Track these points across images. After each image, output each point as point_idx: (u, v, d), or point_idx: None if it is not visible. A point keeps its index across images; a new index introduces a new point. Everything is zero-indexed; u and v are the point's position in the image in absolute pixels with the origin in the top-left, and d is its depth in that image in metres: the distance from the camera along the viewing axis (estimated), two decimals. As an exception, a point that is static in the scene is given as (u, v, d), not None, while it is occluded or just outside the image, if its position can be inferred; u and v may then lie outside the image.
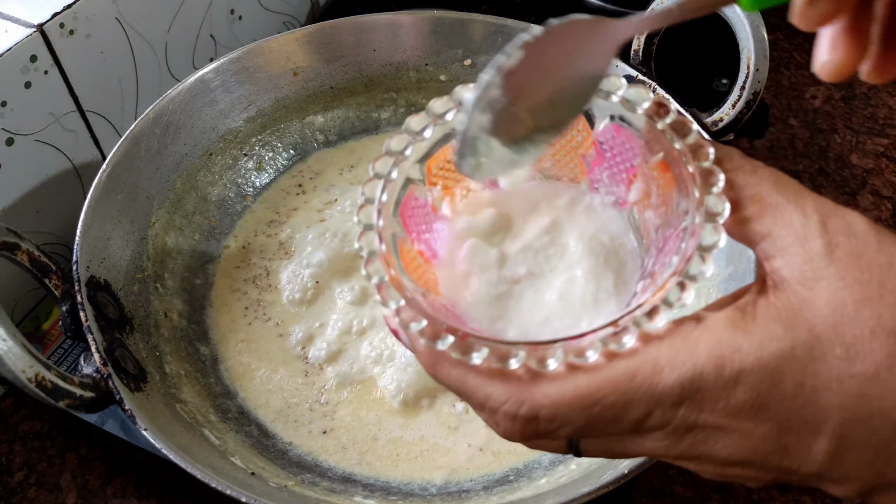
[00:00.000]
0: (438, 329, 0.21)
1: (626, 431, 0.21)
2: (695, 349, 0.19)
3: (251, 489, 0.33)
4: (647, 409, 0.20)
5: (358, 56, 0.53)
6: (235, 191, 0.51)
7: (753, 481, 0.21)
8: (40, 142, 0.45)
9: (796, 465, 0.20)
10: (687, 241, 0.21)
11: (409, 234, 0.25)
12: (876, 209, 0.57)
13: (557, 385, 0.20)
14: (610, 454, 0.23)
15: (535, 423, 0.21)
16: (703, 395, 0.19)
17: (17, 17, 0.43)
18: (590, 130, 0.26)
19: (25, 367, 0.32)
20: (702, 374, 0.19)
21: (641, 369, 0.20)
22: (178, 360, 0.42)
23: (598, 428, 0.20)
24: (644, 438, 0.21)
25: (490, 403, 0.21)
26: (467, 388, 0.22)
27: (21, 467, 0.43)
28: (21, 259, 0.36)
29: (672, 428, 0.20)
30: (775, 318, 0.19)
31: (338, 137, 0.55)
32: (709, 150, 0.22)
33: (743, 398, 0.19)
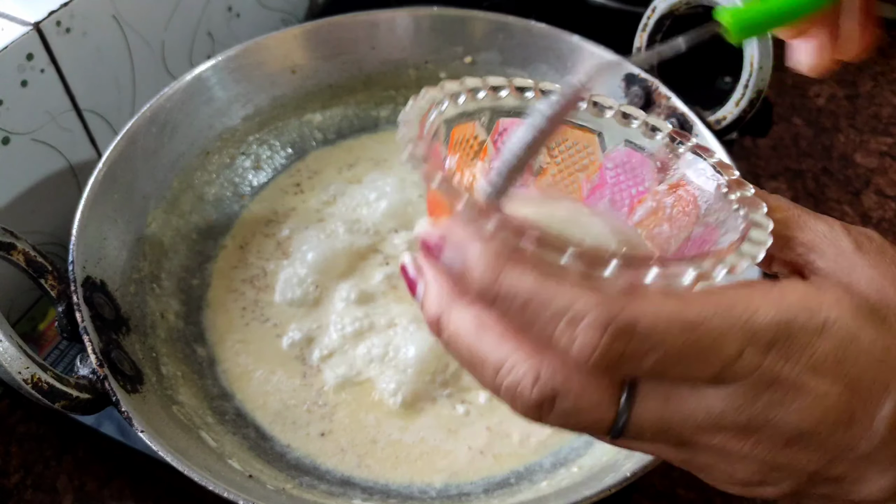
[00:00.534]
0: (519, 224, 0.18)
1: (708, 376, 0.19)
2: (784, 296, 0.19)
3: (249, 492, 0.33)
4: (740, 344, 0.18)
5: (357, 54, 0.53)
6: (233, 190, 0.51)
7: (790, 479, 0.20)
8: (36, 141, 0.44)
9: (856, 440, 0.19)
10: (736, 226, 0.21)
11: None
12: (880, 208, 0.57)
13: (658, 299, 0.18)
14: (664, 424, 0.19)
15: (628, 337, 0.18)
16: (792, 341, 0.18)
17: (13, 15, 0.42)
18: (599, 155, 0.25)
19: (21, 369, 0.32)
20: (795, 317, 0.19)
21: (738, 302, 0.18)
22: (175, 362, 0.41)
23: (686, 360, 0.18)
24: (719, 391, 0.19)
25: (575, 309, 0.18)
26: (545, 293, 0.18)
27: (17, 469, 0.42)
28: (17, 259, 0.35)
29: (756, 378, 0.19)
30: (836, 286, 0.20)
31: (336, 136, 0.54)
32: (733, 166, 0.24)
33: (826, 349, 0.19)
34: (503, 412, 0.40)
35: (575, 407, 0.19)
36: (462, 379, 0.41)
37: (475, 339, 0.20)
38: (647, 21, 0.47)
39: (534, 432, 0.39)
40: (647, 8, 0.46)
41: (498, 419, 0.40)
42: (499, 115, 0.25)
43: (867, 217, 0.56)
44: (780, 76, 0.66)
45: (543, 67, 0.52)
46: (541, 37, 0.51)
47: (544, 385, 0.19)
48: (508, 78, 0.25)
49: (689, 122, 0.45)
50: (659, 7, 0.46)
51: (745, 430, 0.19)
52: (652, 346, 0.18)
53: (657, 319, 0.18)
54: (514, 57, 0.53)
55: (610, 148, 0.25)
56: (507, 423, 0.40)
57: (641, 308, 0.18)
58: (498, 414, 0.40)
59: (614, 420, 0.20)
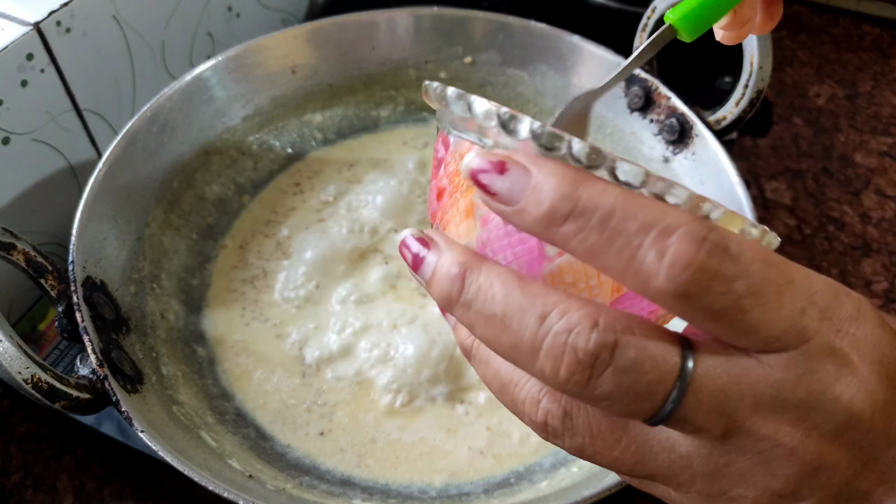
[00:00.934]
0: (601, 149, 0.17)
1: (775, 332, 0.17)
2: (821, 275, 0.18)
3: (249, 492, 0.33)
4: (804, 301, 0.17)
5: (357, 54, 0.53)
6: (233, 190, 0.51)
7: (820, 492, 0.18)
8: (37, 141, 0.44)
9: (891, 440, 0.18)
10: None
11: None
12: (880, 208, 0.57)
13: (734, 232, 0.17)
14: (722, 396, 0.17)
15: (721, 254, 0.16)
16: (839, 312, 0.18)
17: (14, 15, 0.42)
18: None
19: (21, 369, 0.31)
20: (838, 291, 0.18)
21: (793, 263, 0.18)
22: (175, 362, 0.41)
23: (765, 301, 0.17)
24: (780, 358, 0.17)
25: (667, 221, 0.16)
26: (632, 204, 0.16)
27: (17, 469, 0.42)
28: (17, 259, 0.35)
29: (815, 343, 0.17)
30: None
31: (336, 136, 0.54)
32: None
33: (865, 331, 0.18)
34: (503, 412, 0.40)
35: (637, 360, 0.17)
36: (462, 378, 0.41)
37: (516, 287, 0.17)
38: (647, 21, 0.47)
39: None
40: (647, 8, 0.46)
41: (498, 419, 0.40)
42: None
43: (867, 217, 0.56)
44: (780, 76, 0.66)
45: (543, 67, 0.52)
46: (541, 37, 0.51)
47: (606, 328, 0.17)
48: None
49: (689, 122, 0.45)
50: (659, 7, 0.46)
51: (802, 409, 0.17)
52: (740, 271, 0.16)
53: (744, 244, 0.17)
54: (514, 57, 0.53)
55: None
56: (507, 422, 0.40)
57: (729, 231, 0.17)
58: (498, 414, 0.40)
59: (674, 384, 0.17)
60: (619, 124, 0.50)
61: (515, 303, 0.17)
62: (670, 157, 0.47)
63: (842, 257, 0.54)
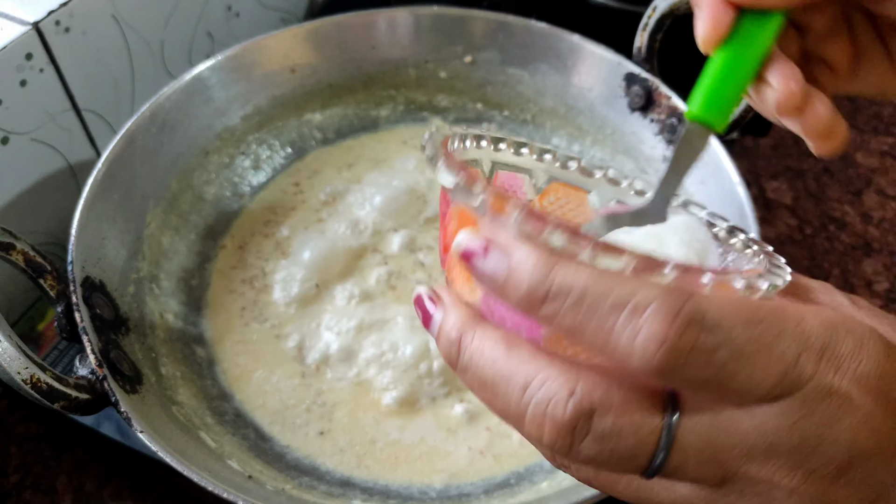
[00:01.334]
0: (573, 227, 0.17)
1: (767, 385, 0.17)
2: (821, 310, 0.18)
3: (248, 493, 0.33)
4: (797, 349, 0.17)
5: (356, 53, 0.53)
6: (232, 190, 0.51)
7: None
8: (36, 140, 0.44)
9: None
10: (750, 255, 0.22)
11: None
12: (881, 208, 0.57)
13: (717, 296, 0.17)
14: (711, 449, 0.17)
15: (697, 327, 0.16)
16: (839, 349, 0.17)
17: (13, 14, 0.42)
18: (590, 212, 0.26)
19: (20, 369, 0.31)
20: (837, 328, 0.18)
21: (787, 308, 0.18)
22: (174, 362, 0.41)
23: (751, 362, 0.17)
24: (773, 407, 0.17)
25: (638, 298, 0.16)
26: (603, 284, 0.17)
27: (16, 469, 0.42)
28: (16, 259, 0.35)
29: (811, 388, 0.17)
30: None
31: (336, 136, 0.54)
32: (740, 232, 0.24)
33: (868, 364, 0.18)
34: (503, 412, 0.40)
35: (614, 427, 0.17)
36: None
37: (502, 354, 0.18)
38: (647, 21, 0.47)
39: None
40: (648, 8, 0.46)
41: (498, 419, 0.40)
42: (498, 166, 0.26)
43: (868, 217, 0.56)
44: (780, 76, 0.66)
45: (543, 67, 0.52)
46: (541, 36, 0.51)
47: (581, 398, 0.17)
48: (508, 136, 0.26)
49: (689, 122, 0.45)
50: (659, 7, 0.46)
51: (798, 454, 0.17)
52: (721, 340, 0.16)
53: (724, 309, 0.17)
54: (514, 56, 0.52)
55: (602, 205, 0.26)
56: (507, 423, 0.40)
57: (707, 298, 0.17)
58: (498, 414, 0.40)
59: (657, 445, 0.17)
60: (620, 124, 0.49)
61: (501, 371, 0.18)
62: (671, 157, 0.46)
63: (843, 257, 0.53)
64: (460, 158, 0.24)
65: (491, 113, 0.55)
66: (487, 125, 0.55)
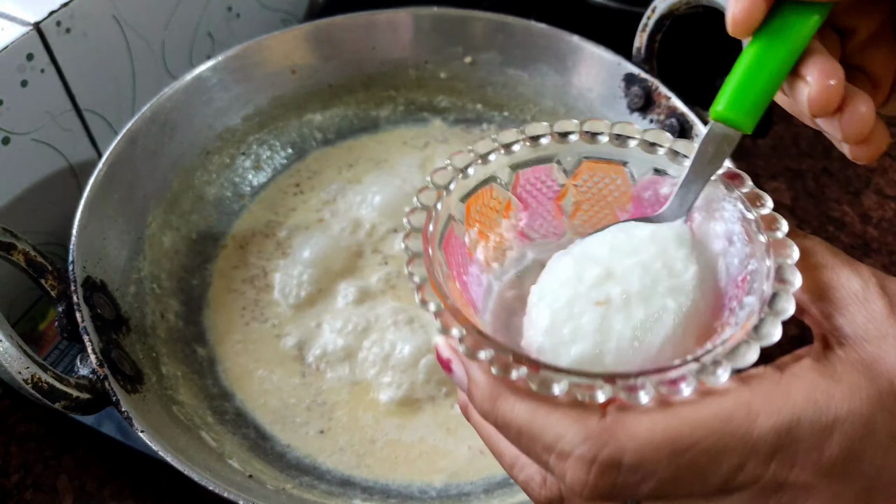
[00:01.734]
0: (507, 358, 0.19)
1: (710, 491, 0.18)
2: (789, 394, 0.18)
3: (249, 492, 0.33)
4: (740, 459, 0.18)
5: (357, 53, 0.53)
6: (233, 190, 0.51)
7: None
8: (37, 141, 0.44)
9: None
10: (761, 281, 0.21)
11: (451, 270, 0.24)
12: (880, 208, 0.57)
13: (645, 425, 0.18)
14: None
15: (615, 471, 0.18)
16: (797, 446, 0.18)
17: (14, 15, 0.42)
18: (629, 185, 0.25)
19: (22, 369, 0.32)
20: (799, 421, 0.18)
21: (736, 413, 0.18)
22: (175, 362, 0.41)
23: (683, 483, 0.18)
24: (724, 500, 0.18)
25: (561, 445, 0.19)
26: (534, 427, 0.19)
27: (17, 469, 0.42)
28: (17, 259, 0.35)
29: (760, 486, 0.18)
30: (854, 369, 0.19)
31: (336, 136, 0.54)
32: (766, 198, 0.22)
33: (837, 450, 0.18)
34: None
35: None
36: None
37: (492, 436, 0.22)
38: (647, 21, 0.47)
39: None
40: (647, 8, 0.46)
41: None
42: (517, 168, 0.25)
43: (867, 217, 0.56)
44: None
45: (543, 67, 0.52)
46: (541, 37, 0.51)
47: (550, 489, 0.20)
48: (521, 129, 0.25)
49: (689, 122, 0.45)
50: (659, 7, 0.46)
51: None
52: (644, 475, 0.18)
53: (646, 448, 0.18)
54: (514, 57, 0.53)
55: (639, 177, 0.25)
56: (507, 422, 0.40)
57: (628, 434, 0.18)
58: (498, 414, 0.40)
59: None
60: (619, 124, 0.50)
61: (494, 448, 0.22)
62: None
63: (842, 257, 0.54)
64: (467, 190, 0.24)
65: (491, 113, 0.55)
66: (487, 125, 0.55)
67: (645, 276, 0.22)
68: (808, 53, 0.22)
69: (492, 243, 0.26)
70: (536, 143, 0.25)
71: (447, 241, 0.24)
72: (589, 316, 0.21)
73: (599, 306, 0.22)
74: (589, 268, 0.22)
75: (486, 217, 0.25)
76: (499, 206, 0.25)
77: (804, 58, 0.22)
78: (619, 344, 0.21)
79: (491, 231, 0.26)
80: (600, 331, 0.21)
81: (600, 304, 0.22)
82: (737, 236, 0.23)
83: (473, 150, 0.25)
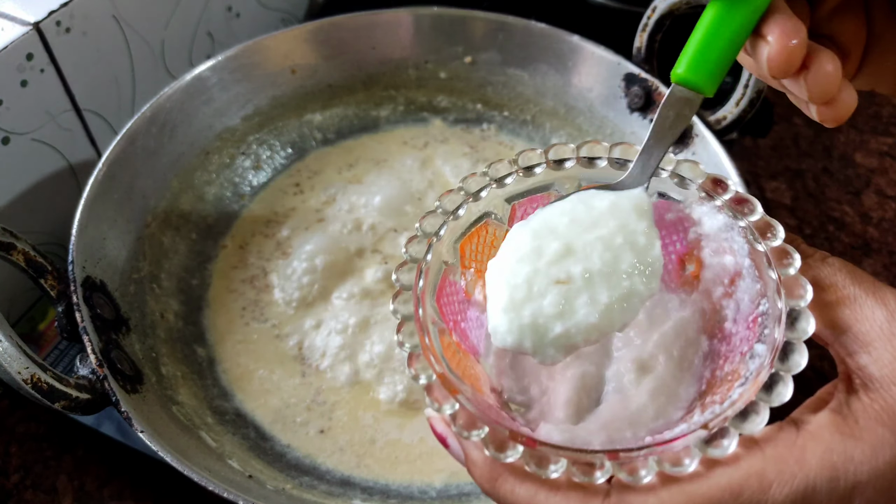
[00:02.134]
0: (503, 437, 0.19)
1: None
2: (803, 459, 0.17)
3: (249, 492, 0.33)
4: None
5: (357, 53, 0.53)
6: (232, 190, 0.51)
7: None
8: (36, 140, 0.44)
9: None
10: (772, 327, 0.19)
11: (446, 322, 0.23)
12: (880, 208, 0.57)
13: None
14: None
15: None
16: None
17: (13, 15, 0.42)
18: None
19: (21, 369, 0.32)
20: (814, 489, 0.17)
21: (747, 484, 0.17)
22: (175, 362, 0.41)
23: None
24: None
25: None
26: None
27: (17, 469, 0.42)
28: (17, 259, 0.35)
29: None
30: (879, 421, 0.17)
31: (336, 136, 0.54)
32: (778, 228, 0.21)
33: None
34: (503, 412, 0.40)
35: None
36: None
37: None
38: (647, 21, 0.47)
39: (534, 432, 0.39)
40: (647, 8, 0.46)
41: (498, 419, 0.40)
42: (513, 200, 0.24)
43: (867, 217, 0.56)
44: (780, 76, 0.66)
45: (544, 67, 0.52)
46: (541, 37, 0.51)
47: None
48: (514, 160, 0.24)
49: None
50: (659, 7, 0.46)
51: None
52: None
53: None
54: (514, 57, 0.53)
55: None
56: (507, 423, 0.40)
57: None
58: (498, 414, 0.40)
59: None
60: (619, 124, 0.49)
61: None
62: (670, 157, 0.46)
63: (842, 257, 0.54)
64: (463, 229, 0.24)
65: (491, 113, 0.55)
66: (487, 125, 0.55)
67: (606, 252, 0.21)
68: (770, 13, 0.22)
69: None
70: (531, 172, 0.24)
71: (441, 290, 0.23)
72: (550, 298, 0.20)
73: (560, 285, 0.20)
74: (548, 242, 0.21)
75: (482, 255, 0.24)
76: (496, 242, 0.24)
77: (766, 17, 0.22)
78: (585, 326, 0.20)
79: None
80: (563, 314, 0.20)
81: (561, 283, 0.20)
82: (746, 270, 0.21)
83: (464, 188, 0.23)
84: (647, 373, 0.22)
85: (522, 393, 0.23)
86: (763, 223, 0.21)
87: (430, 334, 0.21)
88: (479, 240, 0.24)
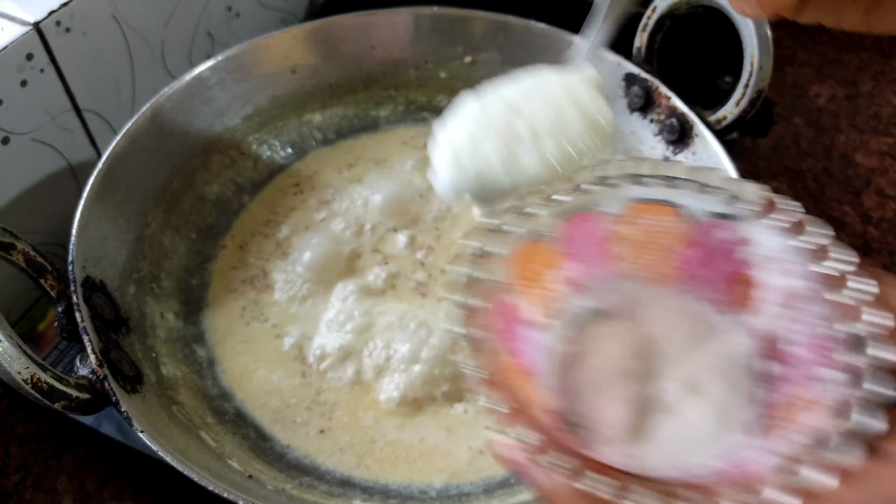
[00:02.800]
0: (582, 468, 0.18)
1: None
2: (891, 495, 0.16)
3: (249, 492, 0.33)
4: None
5: (357, 53, 0.53)
6: (232, 190, 0.51)
7: None
8: (36, 141, 0.44)
9: None
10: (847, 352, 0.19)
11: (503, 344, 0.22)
12: (880, 208, 0.57)
13: None
14: None
15: None
16: None
17: (13, 14, 0.42)
18: (682, 227, 0.24)
19: (21, 369, 0.32)
20: None
21: None
22: (175, 362, 0.41)
23: None
24: None
25: None
26: None
27: (17, 469, 0.42)
28: (17, 259, 0.35)
29: None
30: None
31: (336, 136, 0.54)
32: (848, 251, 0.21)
33: None
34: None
35: None
36: (461, 378, 0.41)
37: None
38: (647, 21, 0.47)
39: (534, 432, 0.39)
40: (647, 8, 0.46)
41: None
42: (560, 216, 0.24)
43: (867, 217, 0.56)
44: (780, 76, 0.66)
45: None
46: (541, 37, 0.51)
47: None
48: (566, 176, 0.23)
49: (689, 122, 0.45)
50: (659, 7, 0.46)
51: None
52: None
53: None
54: (514, 57, 0.53)
55: (693, 220, 0.24)
56: (507, 423, 0.40)
57: None
58: (498, 414, 0.40)
59: None
60: (620, 124, 0.49)
61: None
62: (671, 158, 0.47)
63: (842, 257, 0.53)
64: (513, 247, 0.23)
65: (491, 113, 0.55)
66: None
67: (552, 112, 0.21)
68: None
69: (542, 299, 0.24)
70: (579, 189, 0.24)
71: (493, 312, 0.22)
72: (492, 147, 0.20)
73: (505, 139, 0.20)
74: (495, 107, 0.21)
75: (532, 273, 0.24)
76: (545, 260, 0.24)
77: None
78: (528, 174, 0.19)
79: (539, 286, 0.24)
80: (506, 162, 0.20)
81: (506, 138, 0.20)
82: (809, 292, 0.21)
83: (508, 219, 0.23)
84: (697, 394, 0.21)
85: (574, 413, 0.23)
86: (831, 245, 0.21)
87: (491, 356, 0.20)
88: (529, 258, 0.24)
